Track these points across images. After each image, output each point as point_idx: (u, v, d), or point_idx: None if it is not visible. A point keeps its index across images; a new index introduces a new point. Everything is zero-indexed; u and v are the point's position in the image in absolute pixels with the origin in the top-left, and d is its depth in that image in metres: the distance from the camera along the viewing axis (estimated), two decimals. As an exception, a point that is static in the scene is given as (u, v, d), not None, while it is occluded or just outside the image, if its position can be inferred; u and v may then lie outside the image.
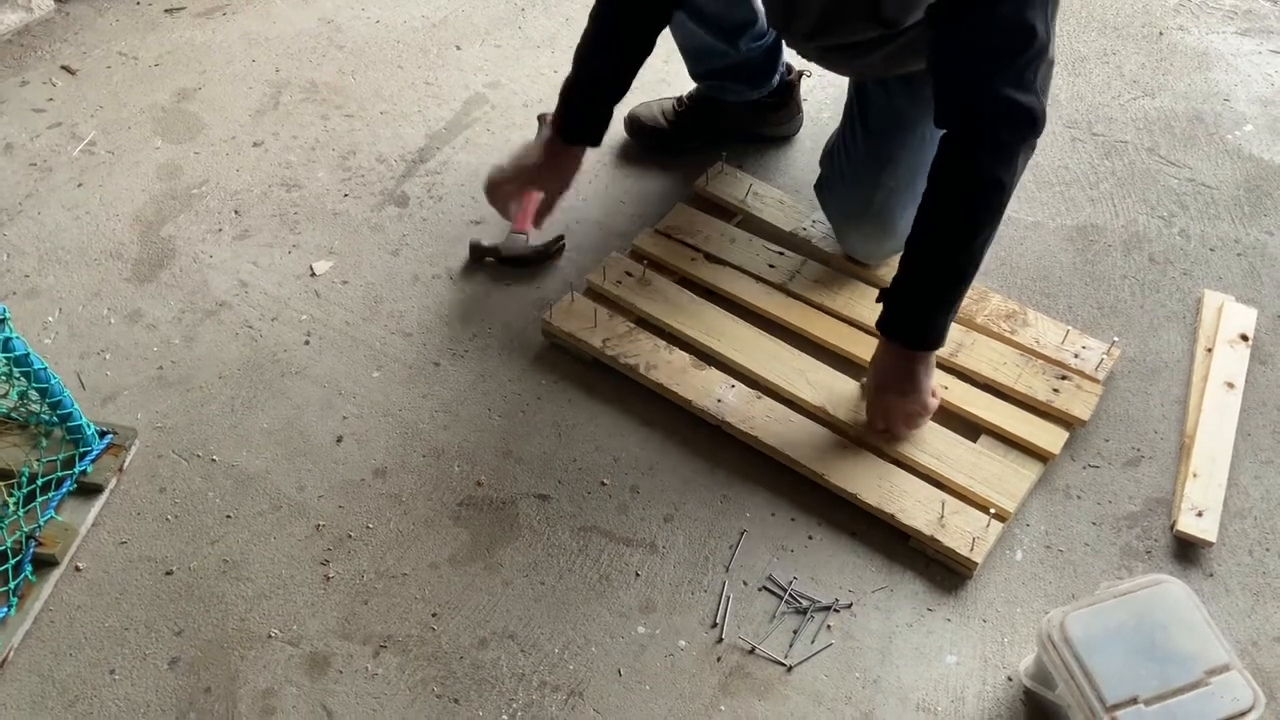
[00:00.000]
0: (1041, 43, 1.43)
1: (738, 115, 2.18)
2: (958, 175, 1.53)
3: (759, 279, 1.95)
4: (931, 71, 1.52)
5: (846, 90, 1.93)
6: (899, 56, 1.65)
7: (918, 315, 1.63)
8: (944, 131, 1.53)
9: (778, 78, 2.14)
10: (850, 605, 1.58)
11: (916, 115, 1.76)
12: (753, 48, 2.04)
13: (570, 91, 1.83)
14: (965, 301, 1.86)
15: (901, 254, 1.62)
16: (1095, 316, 1.95)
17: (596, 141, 1.86)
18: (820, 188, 1.97)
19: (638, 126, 2.23)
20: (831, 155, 1.94)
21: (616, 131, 2.27)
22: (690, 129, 2.20)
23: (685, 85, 2.21)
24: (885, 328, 1.65)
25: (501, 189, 1.88)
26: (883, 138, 1.82)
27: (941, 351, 1.80)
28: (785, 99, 2.19)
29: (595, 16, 1.79)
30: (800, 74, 2.20)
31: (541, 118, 2.25)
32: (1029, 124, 1.48)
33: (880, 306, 1.66)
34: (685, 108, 2.19)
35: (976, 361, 1.81)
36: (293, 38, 2.53)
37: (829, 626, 1.56)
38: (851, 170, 1.88)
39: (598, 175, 2.20)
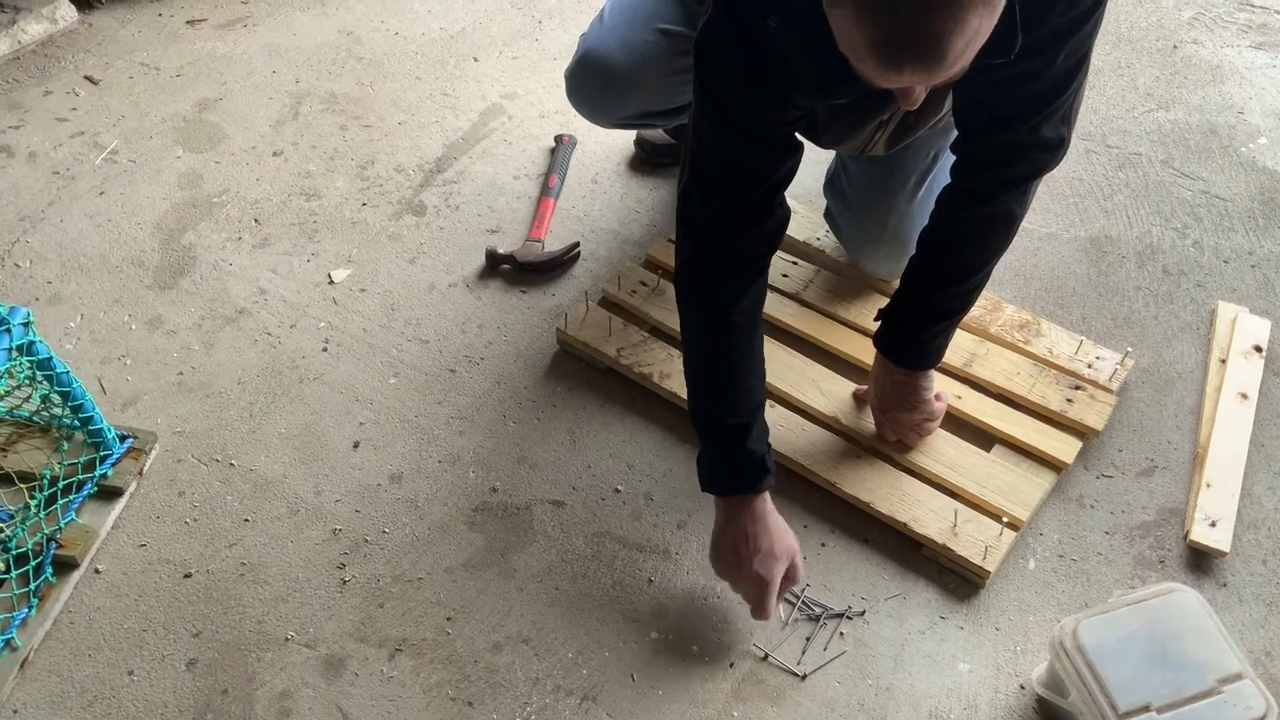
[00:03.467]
0: (1085, 73, 1.36)
1: None
2: (977, 213, 1.50)
3: (772, 288, 1.94)
4: (968, 111, 1.43)
5: None
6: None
7: (922, 342, 1.63)
8: (954, 160, 1.49)
9: None
10: (863, 613, 1.59)
11: (924, 135, 1.73)
12: None
13: (721, 430, 1.51)
14: (978, 311, 1.88)
15: (903, 279, 1.61)
16: (1109, 327, 1.95)
17: (771, 475, 1.50)
18: (830, 216, 1.95)
19: (650, 146, 2.24)
20: (834, 183, 1.91)
21: (630, 139, 2.29)
22: None
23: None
24: (888, 352, 1.65)
25: (762, 606, 1.49)
26: (888, 160, 1.77)
27: (955, 361, 1.81)
28: None
29: (691, 327, 1.54)
30: None
31: (559, 138, 2.27)
32: (1058, 158, 1.45)
33: (877, 324, 1.66)
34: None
35: (990, 372, 1.82)
36: (313, 49, 2.56)
37: (842, 634, 1.57)
38: (858, 196, 1.85)
39: (613, 184, 2.22)
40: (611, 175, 2.24)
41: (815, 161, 2.25)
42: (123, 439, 1.74)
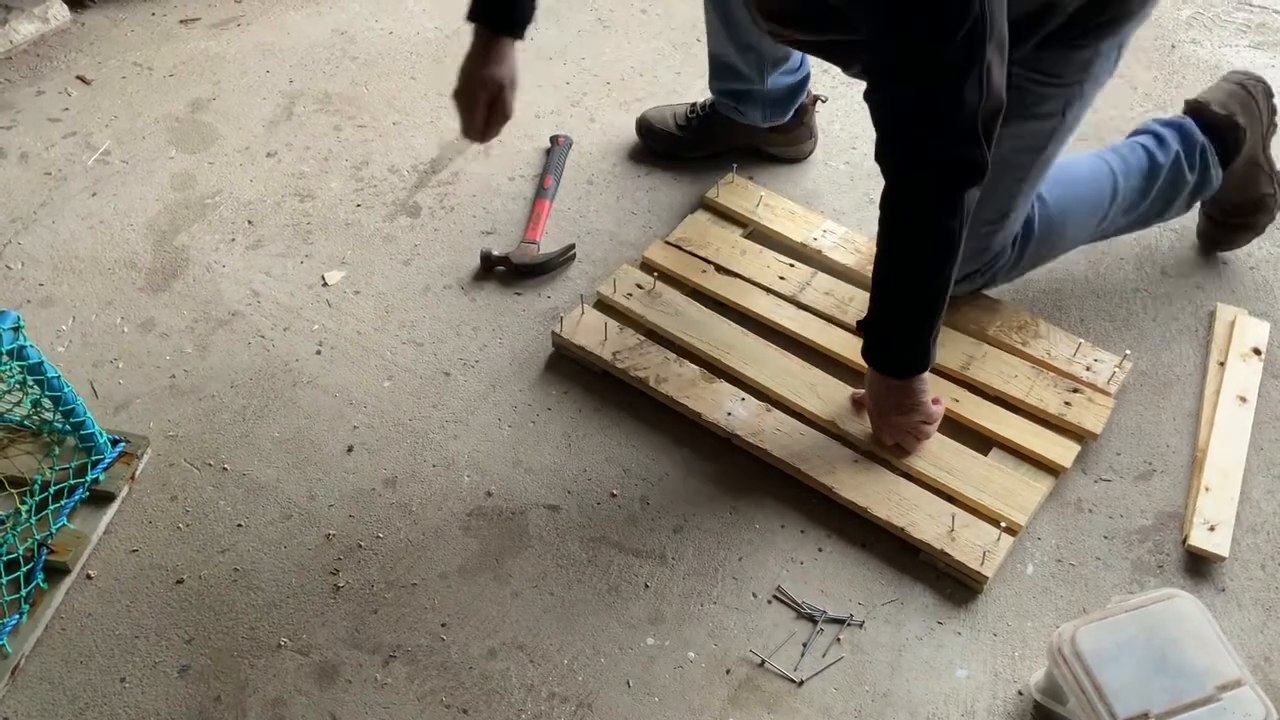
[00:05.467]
0: (983, 101, 1.35)
1: (747, 134, 2.18)
2: (905, 225, 1.50)
3: (769, 291, 1.95)
4: (872, 118, 1.46)
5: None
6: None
7: (896, 348, 1.62)
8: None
9: (795, 109, 2.14)
10: (863, 624, 1.58)
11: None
12: (778, 83, 2.04)
13: None
14: (975, 312, 1.87)
15: (872, 287, 1.60)
16: (1107, 329, 1.94)
17: (517, 31, 1.71)
18: None
19: (647, 128, 2.24)
20: None
21: (626, 140, 2.28)
22: (698, 139, 2.21)
23: (696, 96, 2.21)
24: (869, 359, 1.65)
25: (466, 124, 1.78)
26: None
27: (952, 364, 1.81)
28: (797, 123, 2.17)
29: None
30: (817, 99, 2.19)
31: (554, 139, 2.26)
32: (971, 177, 1.42)
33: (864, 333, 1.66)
34: (696, 117, 2.20)
35: (988, 374, 1.81)
36: (306, 49, 2.54)
37: (839, 640, 1.56)
38: None
39: (609, 185, 2.21)
40: (607, 176, 2.23)
41: (817, 162, 2.25)
42: (114, 443, 1.73)
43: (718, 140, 2.21)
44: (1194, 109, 1.90)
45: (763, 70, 2.00)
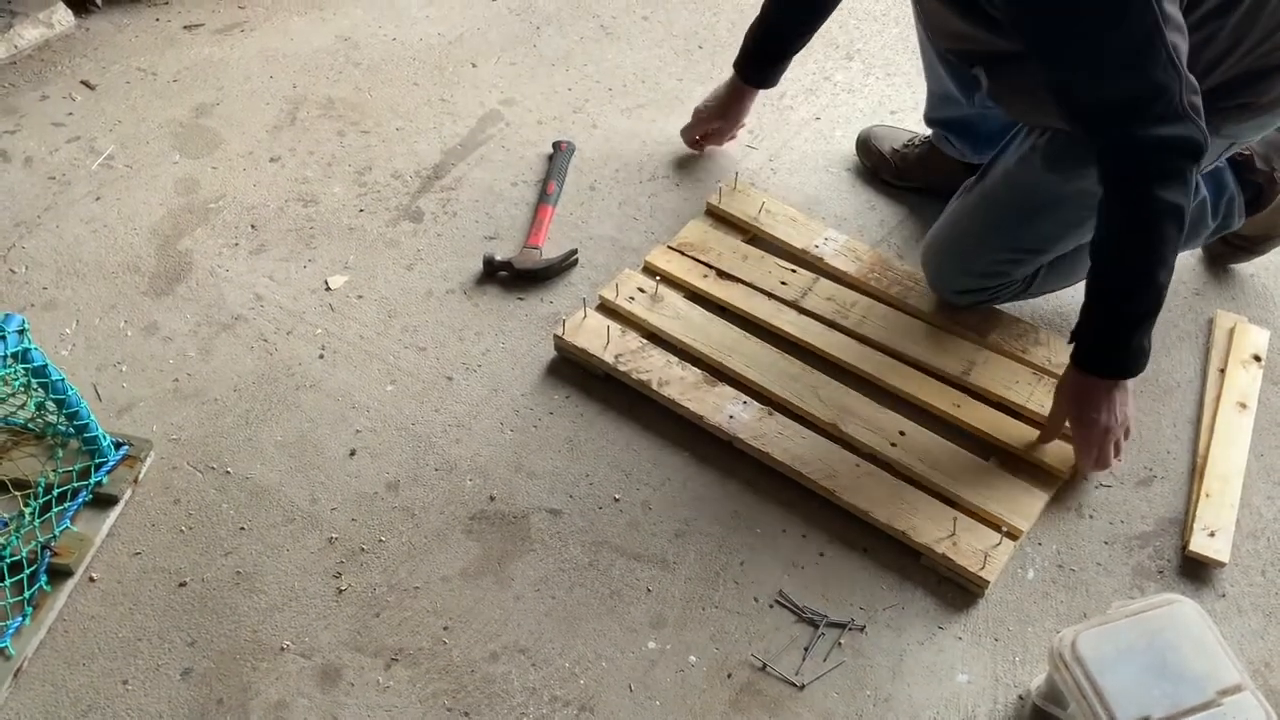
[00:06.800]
0: (1179, 82, 1.35)
1: (953, 171, 2.10)
2: (1130, 209, 1.46)
3: (771, 296, 1.95)
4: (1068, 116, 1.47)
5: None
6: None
7: (1122, 345, 1.55)
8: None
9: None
10: (864, 628, 1.58)
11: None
12: (987, 108, 1.94)
13: (752, 36, 2.05)
14: (976, 318, 1.88)
15: (1088, 289, 1.54)
16: (1107, 336, 1.95)
17: (769, 84, 2.13)
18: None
19: (864, 145, 2.24)
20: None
21: (629, 146, 2.29)
22: (904, 168, 2.19)
23: (696, 102, 2.22)
24: (1088, 364, 1.58)
25: (688, 130, 2.23)
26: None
27: (953, 370, 1.81)
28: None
29: None
30: None
31: (557, 144, 2.27)
32: (1188, 153, 1.40)
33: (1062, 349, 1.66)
34: (913, 148, 2.18)
35: (989, 380, 1.81)
36: (310, 55, 2.55)
37: (840, 644, 1.56)
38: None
39: (611, 191, 2.22)
40: (609, 181, 2.24)
41: (819, 168, 2.25)
42: (118, 446, 1.73)
43: (921, 172, 2.18)
44: (1235, 159, 1.86)
45: (969, 90, 1.94)
